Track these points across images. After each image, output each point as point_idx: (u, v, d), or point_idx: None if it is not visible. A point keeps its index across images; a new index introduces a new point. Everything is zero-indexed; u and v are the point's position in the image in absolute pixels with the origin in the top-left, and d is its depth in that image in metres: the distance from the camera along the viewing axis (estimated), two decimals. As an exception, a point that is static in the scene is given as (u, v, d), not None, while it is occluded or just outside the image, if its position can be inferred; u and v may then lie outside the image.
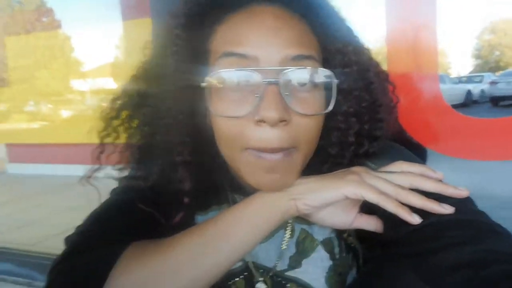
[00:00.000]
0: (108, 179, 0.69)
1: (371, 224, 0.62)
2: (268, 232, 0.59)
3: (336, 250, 0.73)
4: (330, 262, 0.73)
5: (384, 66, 0.82)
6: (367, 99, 0.63)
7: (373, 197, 0.54)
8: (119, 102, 0.67)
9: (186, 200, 0.62)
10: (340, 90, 0.60)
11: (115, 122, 0.67)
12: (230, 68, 0.56)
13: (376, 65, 0.68)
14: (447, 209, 0.53)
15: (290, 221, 0.72)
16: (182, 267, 0.55)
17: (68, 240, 0.62)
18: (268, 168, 0.56)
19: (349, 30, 0.64)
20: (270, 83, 0.54)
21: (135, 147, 0.66)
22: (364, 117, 0.63)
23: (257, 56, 0.55)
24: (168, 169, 0.63)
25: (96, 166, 0.68)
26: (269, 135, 0.54)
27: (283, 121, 0.54)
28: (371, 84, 0.64)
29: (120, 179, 0.69)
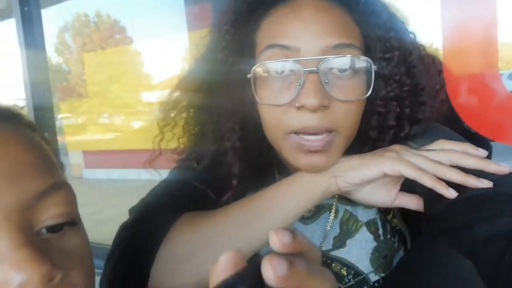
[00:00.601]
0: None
1: (412, 202, 0.63)
2: (309, 208, 0.63)
3: (381, 231, 0.75)
4: (375, 244, 0.75)
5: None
6: (408, 83, 0.65)
7: (410, 173, 0.56)
8: (176, 94, 0.75)
9: (234, 182, 0.67)
10: (380, 75, 0.63)
11: (173, 112, 0.75)
12: (274, 59, 0.61)
13: (421, 48, 0.70)
14: (485, 184, 0.54)
15: (334, 202, 0.75)
16: (228, 234, 0.60)
17: (131, 210, 0.70)
18: (309, 151, 0.60)
19: (391, 16, 0.66)
20: (310, 72, 0.58)
21: (191, 133, 0.73)
22: (405, 101, 0.65)
23: (298, 47, 0.59)
24: (219, 154, 0.69)
25: (157, 152, 0.76)
26: (310, 120, 0.58)
27: (322, 106, 0.58)
28: (413, 68, 0.66)
29: (178, 161, 0.76)
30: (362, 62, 0.60)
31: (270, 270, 0.21)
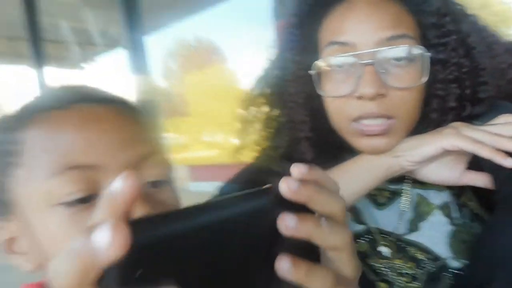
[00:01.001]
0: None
1: (479, 180, 0.64)
2: (371, 187, 0.67)
3: (455, 215, 0.76)
4: (451, 227, 0.76)
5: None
6: (467, 65, 0.67)
7: (468, 146, 0.58)
8: (254, 93, 0.85)
9: None
10: (438, 60, 0.66)
11: (253, 109, 0.84)
12: (334, 55, 0.68)
13: (483, 29, 0.71)
14: None
15: (406, 187, 0.78)
16: None
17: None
18: (370, 135, 0.65)
19: (445, 2, 0.69)
20: (366, 64, 0.64)
21: (269, 127, 0.83)
22: (465, 82, 0.67)
23: (355, 42, 0.65)
24: (293, 144, 0.77)
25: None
26: (369, 108, 0.64)
27: (379, 95, 0.63)
28: (472, 49, 0.68)
29: (259, 152, 0.86)
30: (416, 50, 0.64)
31: (285, 185, 0.29)
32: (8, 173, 0.47)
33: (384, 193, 0.81)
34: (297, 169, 0.30)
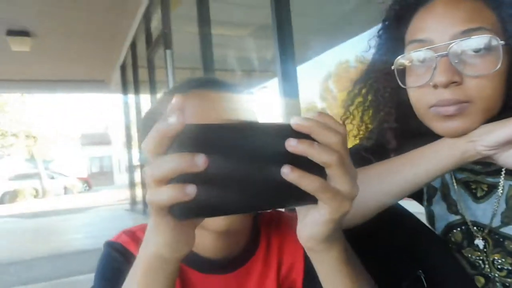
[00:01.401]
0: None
1: None
2: (449, 169, 0.70)
3: None
4: None
5: None
6: None
7: None
8: (352, 93, 0.95)
9: (392, 155, 0.81)
10: None
11: (351, 108, 0.94)
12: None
13: None
14: None
15: (501, 179, 0.78)
16: (370, 182, 0.74)
17: None
18: (446, 118, 0.69)
19: None
20: (441, 56, 0.69)
21: (364, 121, 0.92)
22: None
23: (432, 38, 0.71)
24: (380, 134, 0.85)
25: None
26: (443, 94, 0.69)
27: (453, 82, 0.68)
28: None
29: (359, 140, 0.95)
30: (491, 40, 0.67)
31: (294, 119, 0.42)
32: None
33: (482, 186, 0.82)
34: (295, 122, 0.43)
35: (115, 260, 0.69)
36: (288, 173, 0.41)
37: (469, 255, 0.85)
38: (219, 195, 0.40)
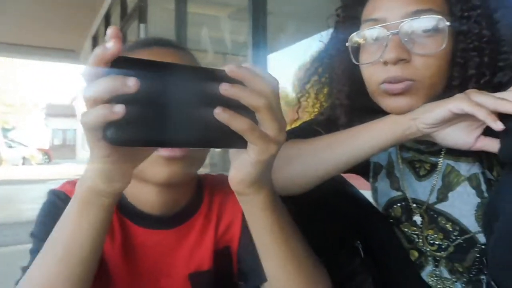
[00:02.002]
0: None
1: (492, 145, 0.66)
2: (392, 144, 0.74)
3: (484, 187, 0.78)
4: (478, 200, 0.79)
5: None
6: (488, 35, 0.71)
7: (469, 108, 0.62)
8: (308, 71, 0.98)
9: (341, 129, 0.84)
10: (460, 31, 0.72)
11: (307, 86, 0.98)
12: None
13: None
14: None
15: (440, 158, 0.83)
16: (318, 152, 0.78)
17: None
18: (394, 95, 0.73)
19: None
20: (392, 34, 0.72)
21: (318, 98, 0.95)
22: (485, 51, 0.71)
23: (385, 17, 0.74)
24: (332, 109, 0.89)
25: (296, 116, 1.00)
26: (392, 71, 0.72)
27: (402, 60, 0.71)
28: (497, 23, 0.72)
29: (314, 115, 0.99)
30: (438, 22, 0.71)
31: (228, 66, 0.45)
32: None
33: (425, 165, 0.87)
34: (229, 68, 0.46)
35: (57, 207, 0.70)
36: (219, 113, 0.44)
37: (407, 230, 0.91)
38: (151, 125, 0.42)
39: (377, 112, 0.80)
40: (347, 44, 0.81)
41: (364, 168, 0.94)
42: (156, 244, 0.74)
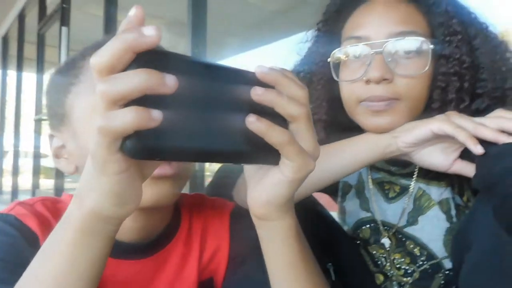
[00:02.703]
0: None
1: (468, 169, 0.68)
2: (372, 161, 0.73)
3: (453, 212, 0.80)
4: (447, 224, 0.80)
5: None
6: (468, 61, 0.73)
7: (450, 130, 0.63)
8: None
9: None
10: (442, 55, 0.74)
11: None
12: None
13: (491, 35, 0.77)
14: None
15: (412, 182, 0.83)
16: None
17: None
18: (375, 114, 0.72)
19: (455, 7, 0.77)
20: (376, 53, 0.72)
21: None
22: (465, 76, 0.73)
23: (369, 35, 0.74)
24: None
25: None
26: (375, 90, 0.71)
27: (385, 79, 0.71)
28: (476, 50, 0.75)
29: None
30: (422, 44, 0.72)
31: (259, 68, 0.39)
32: (68, 90, 0.62)
33: (395, 188, 0.87)
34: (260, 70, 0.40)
35: (8, 235, 0.56)
36: (254, 121, 0.37)
37: (375, 252, 0.90)
38: (181, 134, 0.34)
39: (355, 129, 0.79)
40: (328, 60, 0.80)
41: (332, 187, 0.92)
42: (129, 276, 0.63)
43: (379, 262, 0.89)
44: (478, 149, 0.60)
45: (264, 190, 0.44)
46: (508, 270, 0.56)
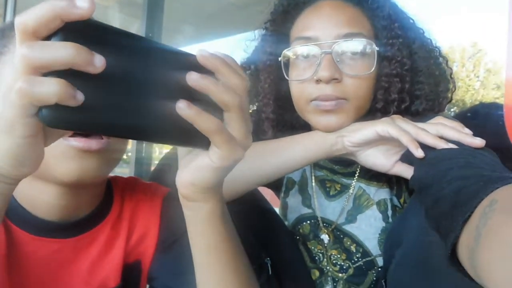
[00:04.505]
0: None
1: (407, 172, 0.71)
2: (318, 158, 0.75)
3: (390, 213, 0.83)
4: (383, 224, 0.83)
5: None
6: (409, 64, 0.77)
7: (394, 132, 0.65)
8: None
9: None
10: (385, 57, 0.77)
11: None
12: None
13: (426, 40, 0.81)
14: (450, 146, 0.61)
15: (353, 181, 0.86)
16: (250, 162, 0.74)
17: None
18: (325, 113, 0.74)
19: (397, 12, 0.80)
20: (325, 53, 0.73)
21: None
22: (406, 78, 0.77)
23: (317, 36, 0.75)
24: (258, 123, 0.86)
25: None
26: (325, 89, 0.73)
27: (334, 79, 0.72)
28: (414, 54, 0.79)
29: None
30: (368, 46, 0.74)
31: (200, 52, 0.38)
32: None
33: (336, 186, 0.89)
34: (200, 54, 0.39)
35: None
36: (184, 108, 0.36)
37: (313, 248, 0.91)
38: (100, 107, 0.33)
39: (302, 128, 0.80)
40: (279, 59, 0.80)
41: (276, 182, 0.93)
42: (49, 255, 0.61)
43: (316, 258, 0.91)
44: (419, 153, 0.63)
45: (190, 172, 0.45)
46: (433, 266, 0.59)
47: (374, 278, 0.86)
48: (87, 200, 0.64)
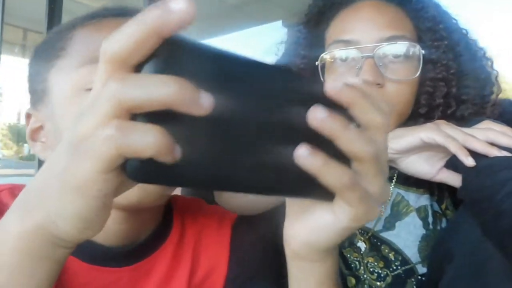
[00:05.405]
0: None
1: (453, 179, 0.68)
2: None
3: (430, 219, 0.80)
4: (423, 231, 0.80)
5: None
6: (454, 67, 0.74)
7: (440, 139, 0.62)
8: None
9: None
10: (430, 60, 0.74)
11: None
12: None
13: (472, 42, 0.79)
14: (503, 154, 0.58)
15: (392, 186, 0.83)
16: None
17: None
18: None
19: (441, 13, 0.77)
20: (367, 57, 0.71)
21: None
22: (452, 82, 0.74)
23: (358, 39, 0.73)
24: None
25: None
26: None
27: (376, 84, 0.70)
28: (460, 56, 0.76)
29: None
30: (412, 49, 0.72)
31: (330, 84, 0.29)
32: (52, 64, 0.54)
33: None
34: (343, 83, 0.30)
35: None
36: (305, 156, 0.27)
37: (348, 255, 0.89)
38: (204, 160, 0.25)
39: None
40: (317, 63, 0.78)
41: None
42: (105, 286, 0.55)
43: (352, 265, 0.89)
44: (469, 161, 0.60)
45: (305, 229, 0.35)
46: (491, 282, 0.56)
47: (414, 287, 0.84)
48: (146, 223, 0.59)
